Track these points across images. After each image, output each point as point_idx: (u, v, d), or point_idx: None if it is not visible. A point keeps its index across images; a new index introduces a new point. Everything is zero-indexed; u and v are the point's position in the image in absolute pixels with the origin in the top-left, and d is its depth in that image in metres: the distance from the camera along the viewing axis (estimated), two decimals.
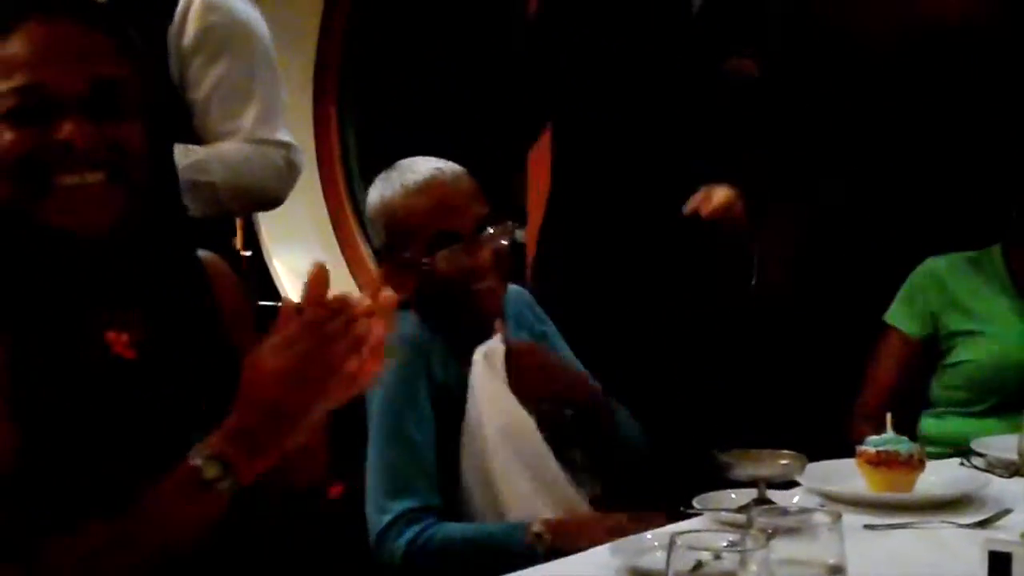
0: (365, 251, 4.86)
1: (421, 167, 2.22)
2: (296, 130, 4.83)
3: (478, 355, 2.11)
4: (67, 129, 1.41)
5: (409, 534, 1.99)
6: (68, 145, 1.41)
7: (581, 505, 2.14)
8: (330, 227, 4.91)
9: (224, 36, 2.45)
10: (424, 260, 2.13)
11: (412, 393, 2.08)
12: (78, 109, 1.43)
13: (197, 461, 1.35)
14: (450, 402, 2.10)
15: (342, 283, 4.73)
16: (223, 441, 1.37)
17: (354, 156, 4.93)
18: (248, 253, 4.50)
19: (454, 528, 2.03)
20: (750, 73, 2.65)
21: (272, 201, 2.86)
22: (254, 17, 2.66)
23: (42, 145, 1.42)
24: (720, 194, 2.53)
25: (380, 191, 2.23)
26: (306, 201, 4.84)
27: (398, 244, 2.19)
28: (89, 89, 1.44)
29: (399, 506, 2.01)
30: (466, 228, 2.16)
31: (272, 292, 4.62)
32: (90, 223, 1.46)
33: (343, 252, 4.89)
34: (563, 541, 1.90)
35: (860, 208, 3.03)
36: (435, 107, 2.91)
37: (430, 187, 2.18)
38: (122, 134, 1.47)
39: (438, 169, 2.21)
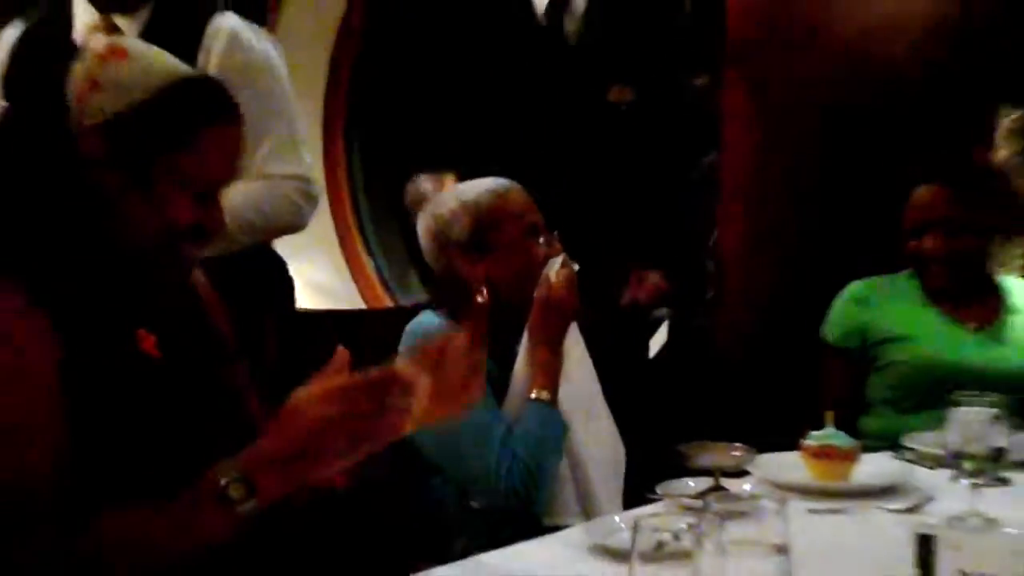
0: (366, 262, 4.89)
1: (481, 182, 2.24)
2: (309, 150, 4.88)
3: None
4: (220, 214, 1.51)
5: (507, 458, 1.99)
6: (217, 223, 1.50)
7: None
8: (337, 242, 4.89)
9: (242, 72, 2.35)
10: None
11: None
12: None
13: (224, 480, 1.33)
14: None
15: (347, 290, 4.73)
16: (253, 465, 1.35)
17: (359, 182, 4.93)
18: None
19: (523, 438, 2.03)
20: (628, 98, 2.73)
21: (289, 231, 2.80)
22: (273, 54, 2.57)
23: (203, 219, 1.47)
24: (651, 280, 2.77)
25: (454, 198, 2.20)
26: (316, 219, 4.86)
27: (489, 232, 2.16)
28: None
29: (491, 442, 2.01)
30: (543, 227, 2.20)
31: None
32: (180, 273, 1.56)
33: (348, 263, 4.88)
34: None
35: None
36: (429, 140, 2.94)
37: (514, 189, 2.20)
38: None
39: (510, 181, 2.24)
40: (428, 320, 2.18)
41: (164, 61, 1.49)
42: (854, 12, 3.02)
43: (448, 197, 2.23)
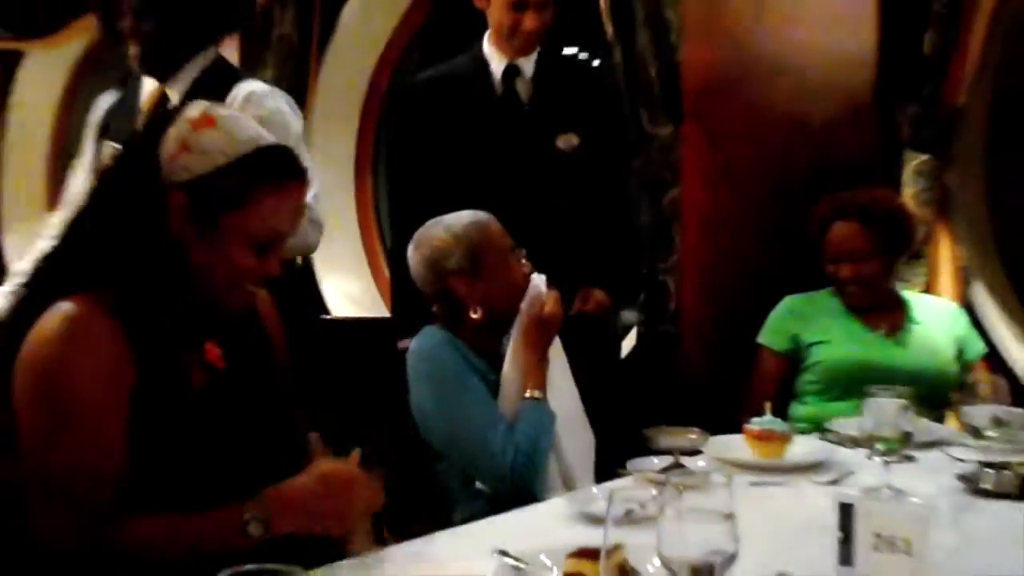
0: (387, 275, 4.81)
1: (461, 215, 2.19)
2: (340, 190, 4.92)
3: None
4: (277, 263, 1.49)
5: (510, 448, 1.97)
6: (273, 270, 1.48)
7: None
8: (365, 258, 4.89)
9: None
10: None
11: (467, 372, 2.07)
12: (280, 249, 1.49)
13: (248, 516, 1.32)
14: (484, 379, 2.09)
15: (373, 300, 4.73)
16: (275, 508, 1.35)
17: (382, 212, 4.92)
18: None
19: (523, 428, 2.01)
20: (575, 143, 2.76)
21: (302, 251, 2.84)
22: (285, 109, 2.46)
23: (262, 267, 1.46)
24: (595, 296, 2.75)
25: (444, 231, 2.15)
26: (346, 240, 4.84)
27: (480, 257, 2.12)
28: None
29: (495, 435, 1.99)
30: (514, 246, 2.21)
31: (322, 305, 4.60)
32: (238, 303, 1.51)
33: (373, 276, 4.84)
34: None
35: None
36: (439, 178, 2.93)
37: (490, 219, 2.18)
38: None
39: (484, 212, 2.21)
40: (432, 335, 2.14)
41: (247, 130, 1.44)
42: (791, 78, 3.01)
43: (437, 231, 2.16)
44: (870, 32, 2.89)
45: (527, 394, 2.04)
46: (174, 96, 2.41)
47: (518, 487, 1.95)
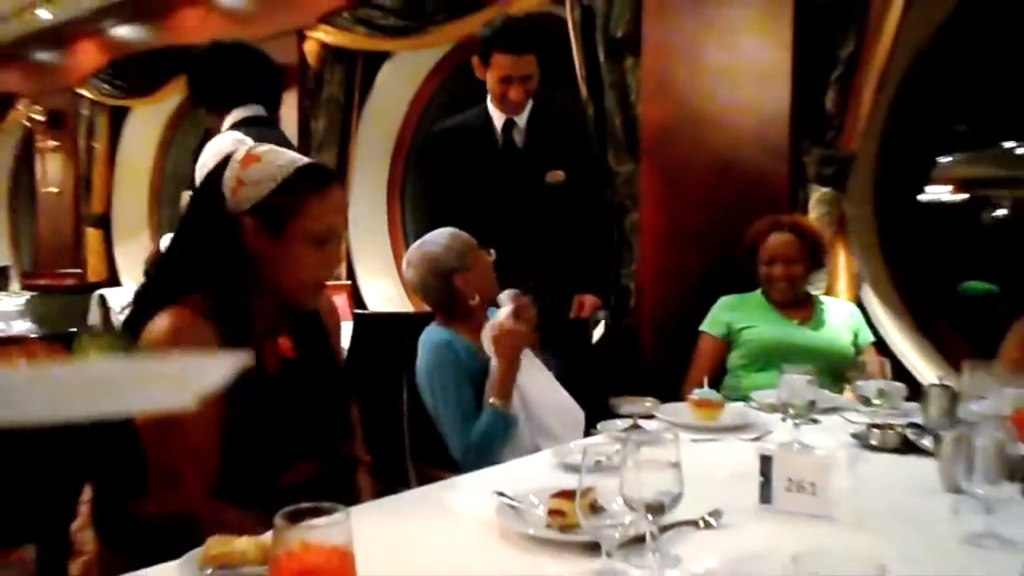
0: None
1: (439, 232, 2.18)
2: (375, 213, 4.93)
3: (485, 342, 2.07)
4: (338, 255, 1.48)
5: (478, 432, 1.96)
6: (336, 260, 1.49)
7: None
8: (394, 266, 4.89)
9: None
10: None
11: (455, 373, 2.03)
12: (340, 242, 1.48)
13: None
14: (473, 372, 2.06)
15: (402, 298, 4.73)
16: None
17: (410, 229, 4.94)
18: (349, 281, 4.52)
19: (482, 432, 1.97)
20: (560, 179, 2.77)
21: None
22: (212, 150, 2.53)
23: (325, 262, 1.45)
24: (588, 301, 2.74)
25: (436, 244, 2.14)
26: (380, 252, 4.87)
27: (467, 255, 2.12)
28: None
29: (460, 428, 1.98)
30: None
31: (362, 303, 4.63)
32: (311, 304, 1.50)
33: (400, 280, 4.84)
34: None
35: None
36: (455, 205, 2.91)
37: (459, 231, 2.17)
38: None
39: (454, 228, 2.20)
40: (436, 332, 2.12)
41: (283, 156, 1.43)
42: (723, 127, 3.01)
43: (429, 248, 2.14)
44: (784, 91, 2.89)
45: (491, 400, 1.99)
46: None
47: (472, 467, 1.87)
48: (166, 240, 2.63)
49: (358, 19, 4.31)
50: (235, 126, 2.54)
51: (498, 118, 2.83)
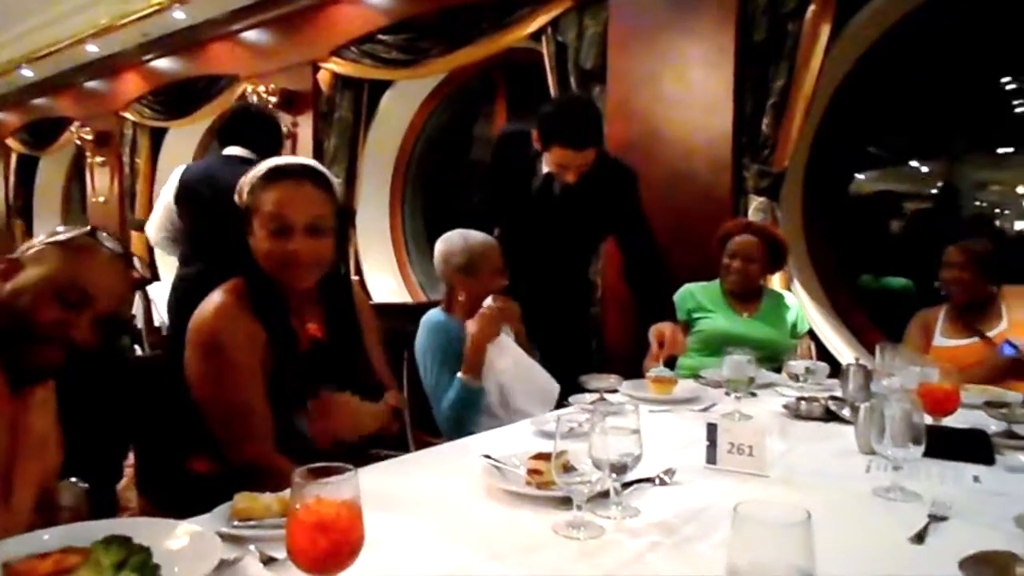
0: (411, 273, 4.83)
1: (478, 234, 2.10)
2: (379, 219, 4.89)
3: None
4: (293, 247, 1.36)
5: (448, 401, 1.92)
6: (291, 253, 1.36)
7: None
8: (395, 262, 4.86)
9: None
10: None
11: (443, 353, 1.99)
12: (304, 232, 1.36)
13: None
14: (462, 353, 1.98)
15: (402, 291, 4.71)
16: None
17: (408, 229, 4.93)
18: (357, 277, 4.49)
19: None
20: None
21: None
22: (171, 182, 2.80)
23: (282, 250, 1.36)
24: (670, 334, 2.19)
25: (460, 238, 2.07)
26: (384, 252, 4.84)
27: (476, 263, 2.04)
28: (312, 221, 1.37)
29: (440, 399, 1.95)
30: (504, 270, 2.09)
31: (368, 295, 4.58)
32: (300, 285, 1.41)
33: (401, 275, 4.83)
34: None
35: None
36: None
37: (495, 245, 2.09)
38: (325, 247, 1.40)
39: (496, 240, 2.13)
40: (436, 315, 2.08)
41: (265, 163, 1.41)
42: (677, 145, 3.02)
43: (456, 237, 2.08)
44: (728, 116, 2.90)
45: (459, 374, 1.92)
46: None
47: (450, 434, 1.89)
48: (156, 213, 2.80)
49: (364, 52, 4.28)
50: (227, 157, 2.78)
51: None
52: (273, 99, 4.73)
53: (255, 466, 1.28)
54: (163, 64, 5.95)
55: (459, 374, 1.92)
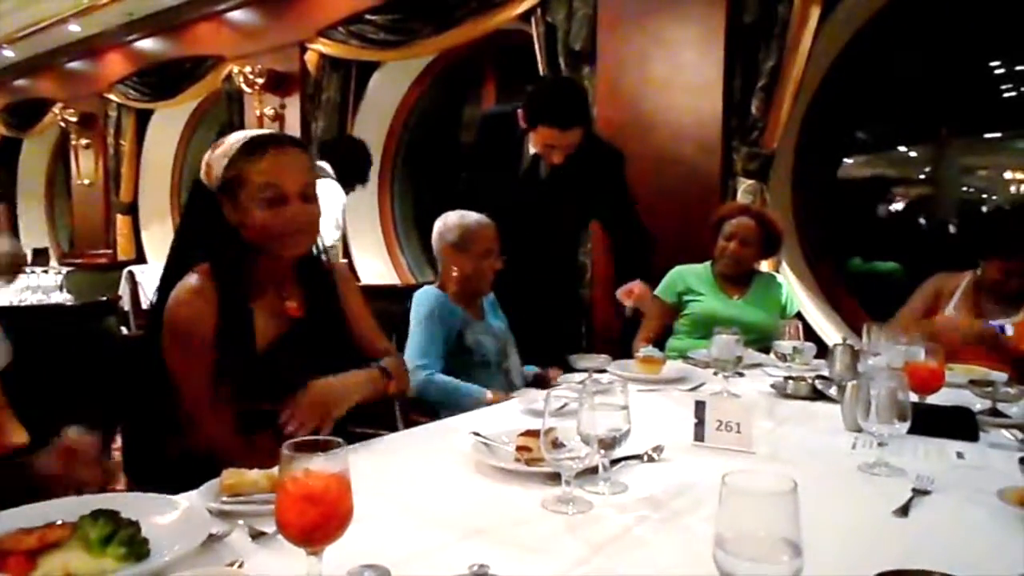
0: (400, 258, 4.82)
1: (476, 215, 2.09)
2: (368, 204, 4.85)
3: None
4: (286, 215, 1.34)
5: (421, 376, 1.90)
6: (285, 221, 1.34)
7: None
8: (385, 248, 4.85)
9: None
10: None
11: (435, 326, 1.97)
12: (299, 199, 1.35)
13: None
14: (453, 330, 2.01)
15: (391, 273, 4.70)
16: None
17: (397, 214, 4.90)
18: (346, 260, 4.47)
19: (445, 378, 1.92)
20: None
21: None
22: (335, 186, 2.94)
23: (275, 219, 1.33)
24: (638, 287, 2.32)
25: (457, 216, 2.07)
26: (373, 235, 4.82)
27: (470, 241, 2.03)
28: (304, 188, 1.36)
29: (424, 364, 1.92)
30: (498, 252, 2.08)
31: (357, 277, 4.57)
32: (296, 252, 1.40)
33: (390, 258, 4.82)
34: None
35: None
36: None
37: (490, 225, 2.07)
38: (318, 213, 1.39)
39: (490, 220, 2.09)
40: (429, 289, 2.08)
41: (235, 136, 1.37)
42: (666, 127, 3.01)
43: (453, 215, 2.09)
44: (717, 98, 2.90)
45: (488, 393, 1.90)
46: None
47: (419, 395, 1.89)
48: None
49: (352, 33, 4.24)
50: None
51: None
52: (260, 80, 4.68)
53: (212, 449, 1.27)
54: (148, 44, 5.86)
55: (488, 393, 1.88)
